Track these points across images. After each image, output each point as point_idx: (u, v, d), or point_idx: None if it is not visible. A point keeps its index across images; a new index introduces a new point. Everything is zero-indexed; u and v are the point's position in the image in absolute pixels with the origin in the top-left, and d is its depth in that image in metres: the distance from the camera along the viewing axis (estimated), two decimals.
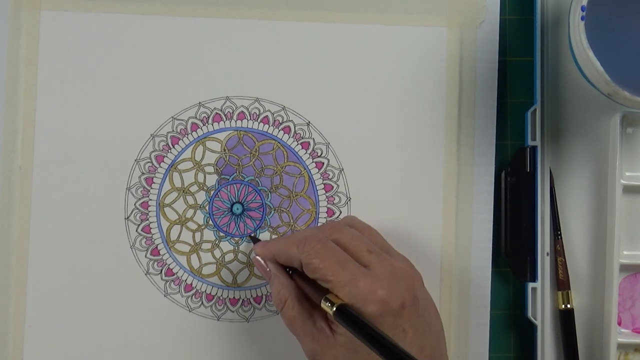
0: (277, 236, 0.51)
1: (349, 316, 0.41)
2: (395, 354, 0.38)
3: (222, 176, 0.52)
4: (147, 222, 0.51)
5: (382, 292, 0.42)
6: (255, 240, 0.50)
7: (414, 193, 0.52)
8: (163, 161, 0.51)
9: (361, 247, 0.45)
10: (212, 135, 0.52)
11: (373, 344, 0.39)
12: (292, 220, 0.52)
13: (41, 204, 0.51)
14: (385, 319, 0.42)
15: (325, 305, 0.42)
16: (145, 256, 0.51)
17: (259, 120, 0.52)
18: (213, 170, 0.52)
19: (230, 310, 0.51)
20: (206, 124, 0.52)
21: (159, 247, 0.51)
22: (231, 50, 0.52)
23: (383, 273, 0.43)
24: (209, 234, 0.52)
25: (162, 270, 0.51)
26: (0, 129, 0.51)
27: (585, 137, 0.52)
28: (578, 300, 0.52)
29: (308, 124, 0.52)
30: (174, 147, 0.52)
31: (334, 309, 0.42)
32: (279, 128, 0.52)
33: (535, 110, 0.52)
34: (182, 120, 0.51)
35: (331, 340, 0.44)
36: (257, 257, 0.48)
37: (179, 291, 0.51)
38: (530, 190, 0.52)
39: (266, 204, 0.52)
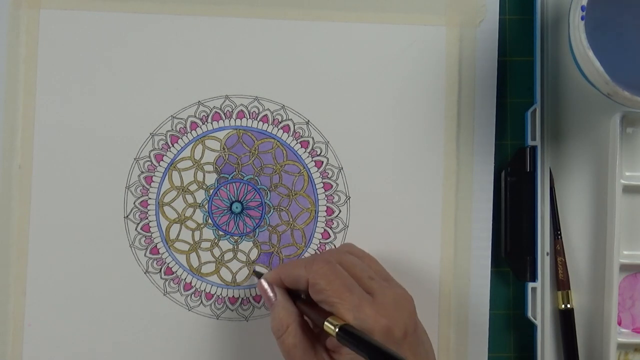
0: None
1: (353, 336, 0.41)
2: None
3: (222, 175, 0.52)
4: (147, 220, 0.51)
5: (385, 321, 0.42)
6: (259, 274, 0.50)
7: (414, 192, 0.52)
8: (162, 160, 0.51)
9: (362, 274, 0.45)
10: (212, 134, 0.52)
11: None
12: (291, 219, 0.52)
13: (40, 203, 0.51)
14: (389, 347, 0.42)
15: (328, 327, 0.42)
16: (145, 255, 0.51)
17: (258, 119, 0.52)
18: (212, 169, 0.52)
19: (230, 308, 0.51)
20: (205, 123, 0.52)
21: (158, 246, 0.51)
22: (230, 49, 0.52)
23: (386, 301, 0.43)
24: (208, 233, 0.52)
25: (161, 269, 0.51)
26: (0, 128, 0.51)
27: (585, 137, 0.52)
28: (578, 300, 0.52)
29: (307, 122, 0.52)
30: (173, 145, 0.52)
31: (337, 329, 0.41)
32: (278, 127, 0.52)
33: (535, 110, 0.51)
34: (181, 119, 0.51)
35: None
36: (264, 282, 0.47)
37: (178, 290, 0.51)
38: (530, 190, 0.51)
39: (265, 202, 0.52)
